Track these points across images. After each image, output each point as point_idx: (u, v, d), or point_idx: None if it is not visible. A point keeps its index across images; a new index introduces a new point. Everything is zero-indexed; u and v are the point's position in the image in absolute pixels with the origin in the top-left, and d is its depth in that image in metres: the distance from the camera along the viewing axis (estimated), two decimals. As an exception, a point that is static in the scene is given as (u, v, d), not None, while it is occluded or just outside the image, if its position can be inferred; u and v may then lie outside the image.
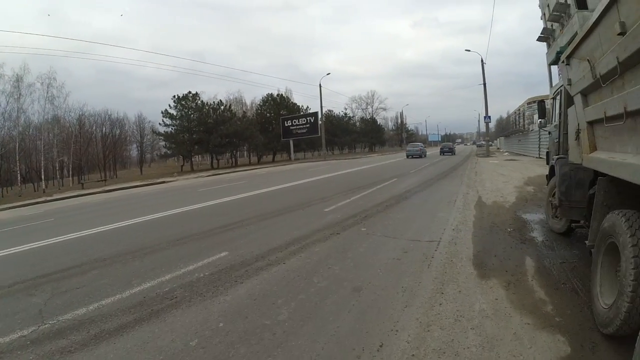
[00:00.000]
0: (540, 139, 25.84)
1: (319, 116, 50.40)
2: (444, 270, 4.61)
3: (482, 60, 35.10)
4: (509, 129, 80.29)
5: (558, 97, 6.73)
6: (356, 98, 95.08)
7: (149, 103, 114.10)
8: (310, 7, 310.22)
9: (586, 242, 3.81)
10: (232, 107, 52.41)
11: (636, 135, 2.69)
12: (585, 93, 3.89)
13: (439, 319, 3.36)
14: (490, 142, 41.50)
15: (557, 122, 6.74)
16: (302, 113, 55.94)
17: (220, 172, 33.32)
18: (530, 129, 36.09)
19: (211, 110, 43.13)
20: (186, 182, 24.54)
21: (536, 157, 26.35)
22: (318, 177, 18.87)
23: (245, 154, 59.56)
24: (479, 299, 3.75)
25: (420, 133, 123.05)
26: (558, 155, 6.37)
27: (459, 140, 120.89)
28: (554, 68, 47.14)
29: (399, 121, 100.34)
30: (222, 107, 44.77)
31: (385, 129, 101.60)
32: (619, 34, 2.50)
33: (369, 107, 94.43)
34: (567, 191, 5.47)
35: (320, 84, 48.35)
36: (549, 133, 7.47)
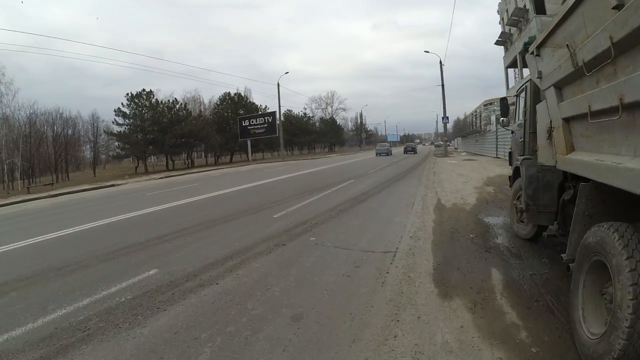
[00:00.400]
0: (497, 139, 26.25)
1: (277, 116, 49.36)
2: (400, 289, 3.99)
3: (440, 62, 35.52)
4: (466, 130, 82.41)
5: (522, 93, 6.35)
6: (316, 98, 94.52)
7: (104, 101, 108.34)
8: (271, 6, 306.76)
9: (562, 255, 3.30)
10: (190, 106, 50.54)
11: (634, 133, 2.15)
12: (560, 86, 3.41)
13: (393, 358, 2.72)
14: (448, 143, 42.04)
15: (521, 120, 6.34)
16: (260, 112, 54.43)
17: (174, 173, 31.79)
18: (488, 130, 36.76)
19: (166, 109, 41.08)
20: (137, 184, 22.98)
21: (494, 157, 26.85)
22: (273, 178, 18.03)
23: (202, 155, 57.52)
24: (441, 327, 3.15)
25: (379, 133, 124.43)
26: (523, 155, 5.95)
27: (417, 141, 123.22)
28: (511, 71, 48.87)
29: (359, 121, 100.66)
30: (177, 106, 42.81)
31: (345, 129, 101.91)
32: (613, 8, 2.00)
33: (328, 107, 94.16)
34: (534, 194, 5.10)
35: (278, 83, 47.50)
36: (512, 132, 7.09)
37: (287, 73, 49.46)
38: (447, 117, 35.99)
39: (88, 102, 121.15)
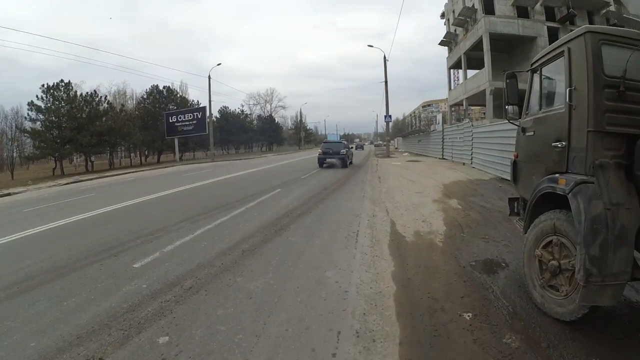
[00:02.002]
0: (444, 139, 24.38)
1: (207, 111, 44.53)
2: None
3: (384, 58, 33.33)
4: (404, 130, 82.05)
5: (553, 65, 3.69)
6: (254, 95, 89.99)
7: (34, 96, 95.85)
8: (211, 1, 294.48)
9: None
10: (118, 100, 44.46)
11: None
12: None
13: None
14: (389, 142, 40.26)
15: (551, 109, 3.65)
16: (190, 108, 49.05)
17: (84, 178, 26.36)
18: (433, 129, 35.16)
19: (84, 102, 35.17)
20: (34, 193, 17.84)
21: (439, 158, 25.19)
22: (184, 186, 14.22)
23: (131, 154, 51.27)
24: None
25: (319, 132, 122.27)
26: (565, 172, 3.28)
27: (357, 140, 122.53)
28: (453, 72, 48.47)
29: (298, 120, 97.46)
30: (96, 99, 36.80)
31: (284, 128, 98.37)
32: None
33: (267, 104, 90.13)
34: (602, 255, 2.80)
35: (209, 75, 42.78)
36: (522, 130, 4.31)
37: (219, 64, 44.77)
38: (390, 116, 33.95)
39: (20, 97, 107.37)
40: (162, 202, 10.53)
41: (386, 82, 33.41)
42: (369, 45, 33.29)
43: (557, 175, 3.36)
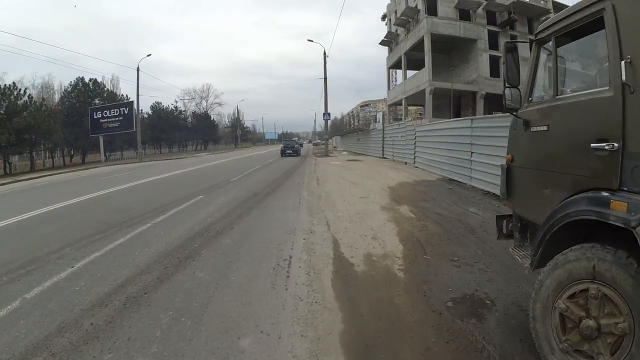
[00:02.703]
0: (384, 138, 23.64)
1: (134, 107, 40.45)
2: None
3: (324, 53, 32.13)
4: (343, 129, 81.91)
5: (571, 32, 2.45)
6: (190, 91, 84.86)
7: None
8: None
9: None
10: (42, 94, 38.99)
11: None
12: None
13: None
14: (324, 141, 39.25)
15: (580, 95, 2.41)
16: (116, 103, 44.18)
17: None
18: (372, 128, 34.59)
19: (0, 96, 29.99)
20: None
21: (379, 157, 24.45)
22: (92, 194, 11.45)
23: (54, 155, 45.03)
24: None
25: (257, 131, 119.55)
26: (619, 188, 2.01)
27: (296, 139, 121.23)
28: (392, 72, 48.71)
29: (235, 117, 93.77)
30: (15, 93, 31.60)
31: (220, 125, 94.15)
32: None
33: (203, 101, 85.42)
34: None
35: (138, 67, 39.01)
36: (525, 124, 3.02)
37: (149, 55, 41.21)
38: (329, 114, 32.80)
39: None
40: (54, 218, 8.09)
41: (325, 78, 32.34)
42: (308, 40, 31.84)
43: (604, 194, 2.12)
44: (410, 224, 6.46)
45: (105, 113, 40.30)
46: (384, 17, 48.45)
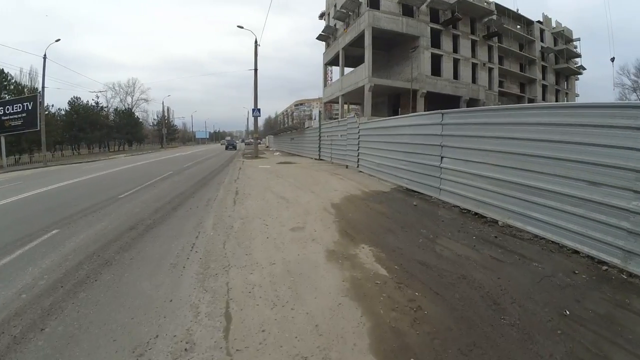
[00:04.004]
0: (321, 137, 20.68)
1: (38, 101, 33.68)
2: None
3: (255, 42, 28.34)
4: (277, 128, 78.22)
5: None
6: (113, 85, 75.88)
7: None
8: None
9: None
10: None
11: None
12: None
13: None
14: (259, 141, 35.50)
15: None
16: (18, 97, 36.68)
17: None
18: (307, 126, 31.48)
19: None
20: None
21: (316, 159, 21.43)
22: None
23: None
24: None
25: (187, 129, 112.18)
26: None
27: (228, 138, 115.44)
28: (328, 69, 46.30)
29: (162, 115, 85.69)
30: None
31: (145, 123, 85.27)
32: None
33: (128, 97, 76.73)
34: None
35: (45, 55, 32.33)
36: None
37: (58, 40, 34.50)
38: (259, 110, 29.07)
39: None
40: None
41: (256, 70, 28.51)
42: (238, 26, 27.92)
43: None
44: (389, 304, 3.34)
45: (8, 109, 33.20)
46: (321, 16, 46.40)
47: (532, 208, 5.60)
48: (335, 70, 44.93)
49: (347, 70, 37.39)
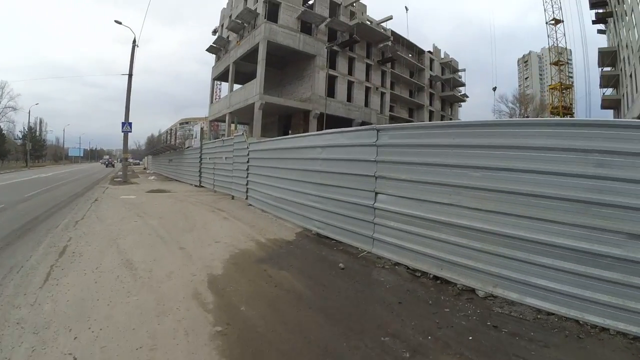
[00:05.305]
0: (202, 159, 17.17)
1: None
2: None
3: (134, 41, 23.64)
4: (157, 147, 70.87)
5: None
6: None
7: None
8: None
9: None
10: None
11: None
12: None
13: None
14: (138, 161, 30.27)
15: None
16: None
17: None
18: (187, 146, 27.34)
19: None
20: None
21: (195, 186, 17.85)
22: None
23: None
24: None
25: (63, 144, 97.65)
26: None
27: (107, 157, 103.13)
28: (217, 85, 42.78)
29: (29, 126, 70.69)
30: None
31: (11, 135, 70.42)
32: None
33: None
34: None
35: None
36: None
37: None
38: (130, 124, 24.04)
39: None
40: None
41: (130, 75, 23.71)
42: (116, 21, 23.21)
43: None
44: None
45: None
46: (214, 32, 43.01)
47: (533, 271, 3.81)
48: (225, 87, 41.94)
49: (237, 87, 34.38)
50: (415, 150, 5.07)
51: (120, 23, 23.62)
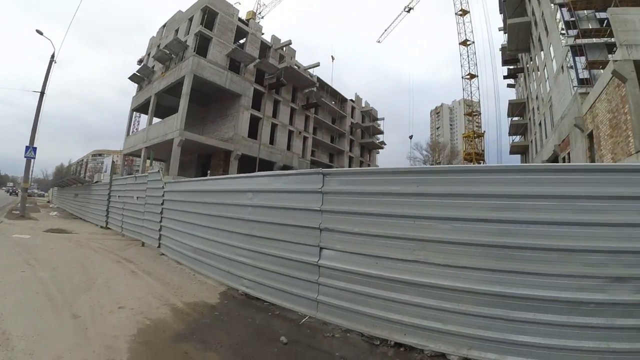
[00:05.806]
0: (110, 197, 15.23)
1: None
2: None
3: (52, 56, 21.38)
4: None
5: None
6: None
7: None
8: None
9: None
10: None
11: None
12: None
13: None
14: (43, 192, 26.62)
15: None
16: None
17: None
18: (96, 180, 24.62)
19: None
20: None
21: (101, 227, 15.55)
22: None
23: None
24: None
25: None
26: None
27: (11, 184, 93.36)
28: (135, 117, 40.57)
29: None
30: None
31: None
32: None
33: None
34: None
35: None
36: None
37: None
38: (35, 149, 20.69)
39: None
40: None
41: (42, 92, 20.91)
42: (37, 31, 20.96)
43: None
44: None
45: None
46: (140, 61, 41.26)
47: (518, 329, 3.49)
48: (144, 120, 39.26)
49: (157, 120, 32.34)
50: (370, 199, 4.39)
51: (41, 33, 21.60)
